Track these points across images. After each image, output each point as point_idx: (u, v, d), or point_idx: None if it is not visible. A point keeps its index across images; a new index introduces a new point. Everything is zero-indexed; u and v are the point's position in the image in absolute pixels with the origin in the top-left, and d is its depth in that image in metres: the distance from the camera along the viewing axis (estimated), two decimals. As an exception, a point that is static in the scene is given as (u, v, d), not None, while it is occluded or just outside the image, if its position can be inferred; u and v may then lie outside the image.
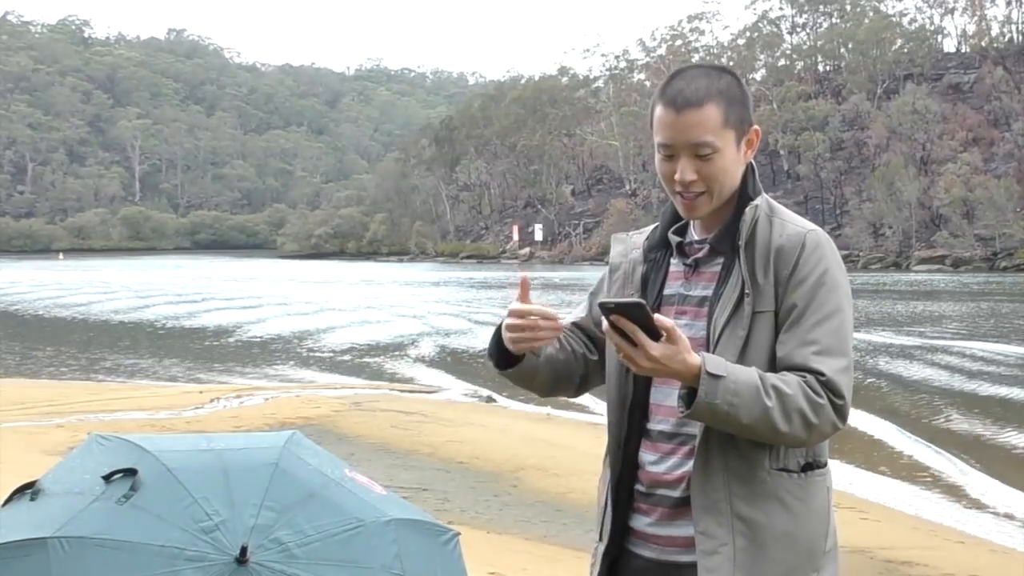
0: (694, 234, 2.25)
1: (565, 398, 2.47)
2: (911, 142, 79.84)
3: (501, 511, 8.39)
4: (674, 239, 2.25)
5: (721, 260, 2.17)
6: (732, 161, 2.16)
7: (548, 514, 8.30)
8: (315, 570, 2.72)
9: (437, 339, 25.32)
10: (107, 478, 2.78)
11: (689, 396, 2.02)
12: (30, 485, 2.96)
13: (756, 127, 2.21)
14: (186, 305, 37.39)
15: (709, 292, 2.17)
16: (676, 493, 2.15)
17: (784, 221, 2.17)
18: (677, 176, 2.14)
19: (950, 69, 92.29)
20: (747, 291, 2.10)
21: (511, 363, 2.27)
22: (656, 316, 1.97)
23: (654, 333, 1.97)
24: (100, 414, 12.60)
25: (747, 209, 2.15)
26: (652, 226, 2.35)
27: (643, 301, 1.99)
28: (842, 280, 2.14)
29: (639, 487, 2.21)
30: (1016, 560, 7.69)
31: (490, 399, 15.24)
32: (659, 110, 2.15)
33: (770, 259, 2.12)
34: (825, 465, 2.18)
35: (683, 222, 2.27)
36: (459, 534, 3.18)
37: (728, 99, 2.14)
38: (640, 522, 2.21)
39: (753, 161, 2.24)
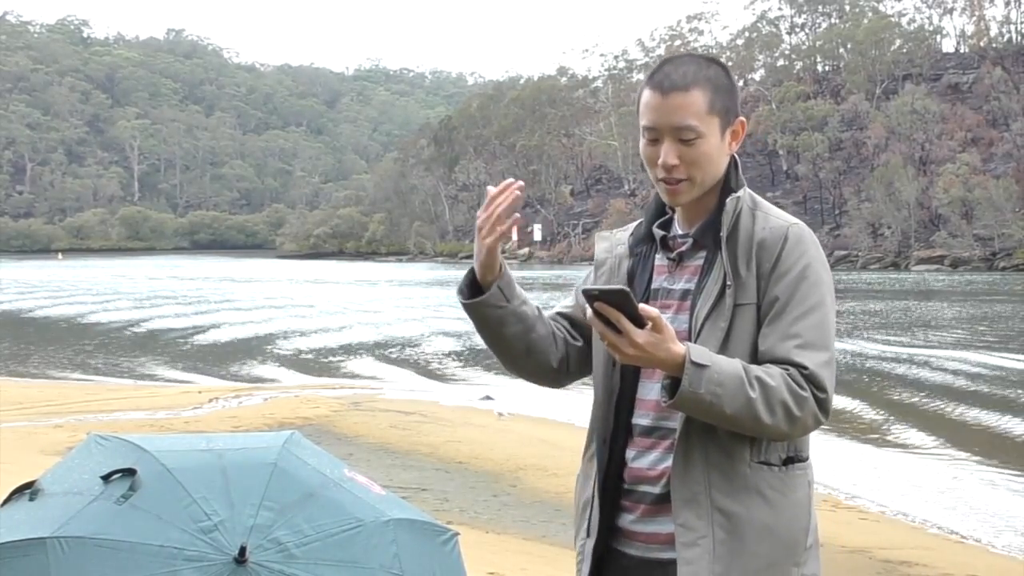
0: (678, 228, 2.25)
1: (550, 388, 2.42)
2: (910, 142, 79.89)
3: (500, 511, 8.39)
4: (658, 233, 2.26)
5: (704, 253, 2.18)
6: (716, 149, 2.15)
7: (547, 514, 8.30)
8: (314, 570, 2.72)
9: (436, 339, 25.32)
10: (106, 478, 2.78)
11: (672, 386, 2.01)
12: (29, 485, 2.95)
13: (742, 119, 2.20)
14: (186, 305, 37.38)
15: (692, 285, 2.17)
16: (657, 489, 2.15)
17: (767, 215, 2.17)
18: (660, 160, 2.14)
19: (949, 69, 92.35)
20: (728, 283, 2.10)
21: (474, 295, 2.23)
22: (641, 305, 1.97)
23: (639, 321, 1.96)
24: (99, 414, 12.61)
25: (728, 200, 2.15)
26: (636, 222, 2.35)
27: (627, 288, 1.98)
28: (824, 274, 2.14)
29: (622, 484, 2.20)
30: (1016, 560, 7.69)
31: (488, 399, 15.24)
32: (646, 93, 2.16)
33: (752, 252, 2.12)
34: (807, 459, 2.18)
35: (667, 217, 2.27)
36: (458, 534, 3.18)
37: (715, 87, 2.14)
38: (624, 519, 2.21)
39: (736, 155, 2.23)
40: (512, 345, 2.28)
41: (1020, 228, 67.41)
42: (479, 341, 2.58)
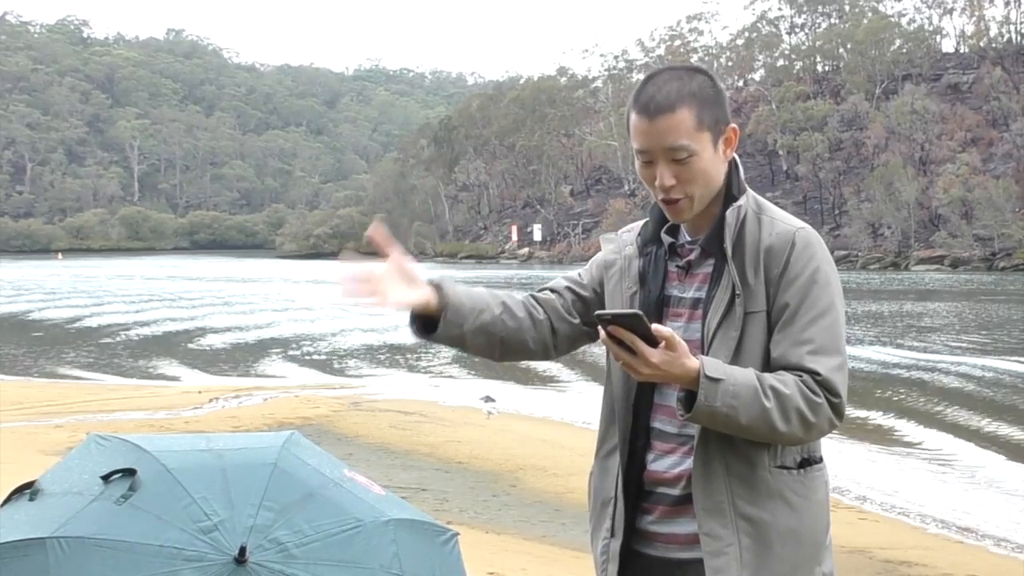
0: (685, 235, 2.25)
1: (546, 362, 2.50)
2: (910, 142, 79.83)
3: (500, 511, 8.39)
4: (666, 239, 2.26)
5: (712, 261, 2.18)
6: (710, 162, 2.15)
7: (547, 514, 8.30)
8: (314, 570, 2.72)
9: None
10: (106, 478, 2.78)
11: (688, 399, 2.03)
12: (29, 485, 2.95)
13: (733, 125, 2.19)
14: (186, 306, 37.39)
15: (702, 294, 2.18)
16: (676, 491, 2.17)
17: (773, 219, 2.17)
18: (657, 182, 2.15)
19: (949, 69, 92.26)
20: (738, 292, 2.11)
21: (429, 329, 2.26)
22: (655, 326, 1.98)
23: (652, 340, 1.97)
24: (99, 414, 12.61)
25: (728, 213, 2.16)
26: (641, 222, 2.34)
27: (640, 312, 1.99)
28: (833, 277, 2.15)
29: (642, 486, 2.22)
30: (1015, 560, 7.69)
31: (489, 399, 15.23)
32: (633, 117, 2.15)
33: (760, 258, 2.13)
34: (821, 460, 2.20)
35: (673, 222, 2.27)
36: (458, 534, 3.18)
37: (701, 100, 2.12)
38: (643, 521, 2.22)
39: (737, 157, 2.22)
40: (482, 350, 2.32)
41: (1020, 228, 67.36)
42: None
